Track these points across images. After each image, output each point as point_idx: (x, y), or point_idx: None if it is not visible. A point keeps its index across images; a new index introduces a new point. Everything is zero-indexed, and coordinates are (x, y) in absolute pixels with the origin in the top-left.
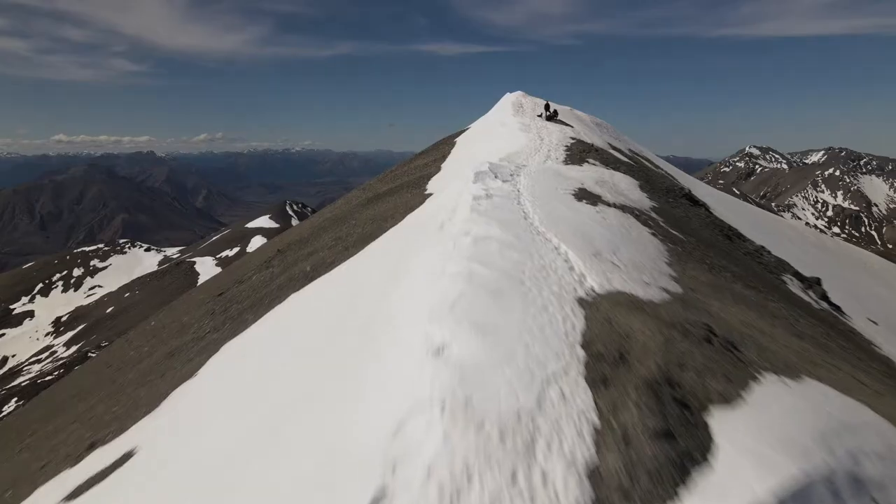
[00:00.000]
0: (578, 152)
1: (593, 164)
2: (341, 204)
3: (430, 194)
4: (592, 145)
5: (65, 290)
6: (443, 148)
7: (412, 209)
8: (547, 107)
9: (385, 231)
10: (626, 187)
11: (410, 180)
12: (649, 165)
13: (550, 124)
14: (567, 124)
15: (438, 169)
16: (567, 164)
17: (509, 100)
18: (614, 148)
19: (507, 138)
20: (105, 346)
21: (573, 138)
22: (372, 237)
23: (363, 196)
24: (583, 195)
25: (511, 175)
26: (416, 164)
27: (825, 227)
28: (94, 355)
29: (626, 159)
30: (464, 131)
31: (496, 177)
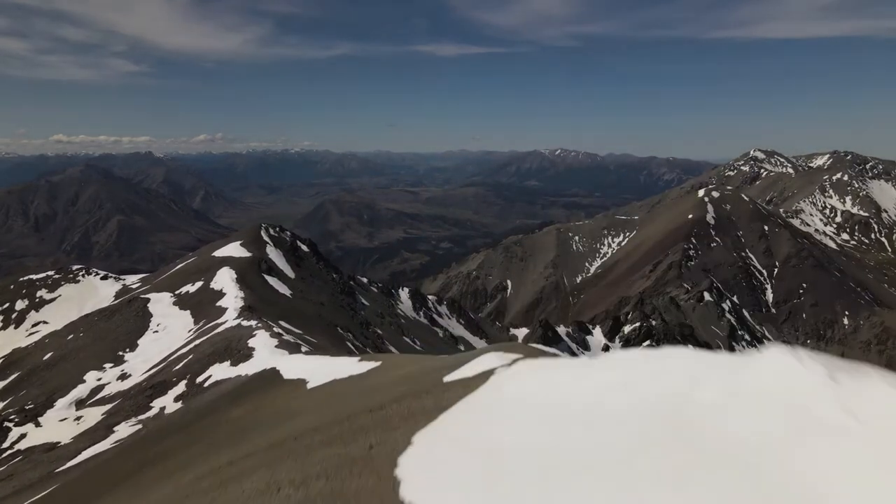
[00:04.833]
0: None
1: None
2: None
3: None
4: None
5: (4, 327)
6: None
7: None
8: None
9: None
10: None
11: None
12: None
13: None
14: None
15: None
16: None
17: None
18: None
19: None
20: (30, 407)
21: None
22: None
23: None
24: None
25: None
26: None
27: (834, 233)
28: (10, 424)
29: None
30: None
31: None
